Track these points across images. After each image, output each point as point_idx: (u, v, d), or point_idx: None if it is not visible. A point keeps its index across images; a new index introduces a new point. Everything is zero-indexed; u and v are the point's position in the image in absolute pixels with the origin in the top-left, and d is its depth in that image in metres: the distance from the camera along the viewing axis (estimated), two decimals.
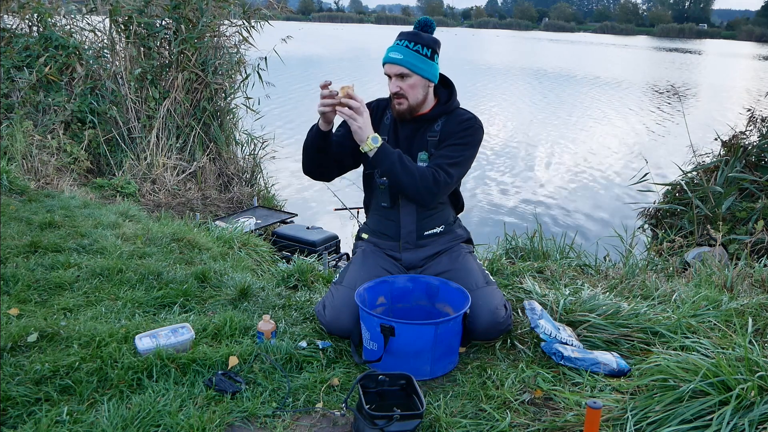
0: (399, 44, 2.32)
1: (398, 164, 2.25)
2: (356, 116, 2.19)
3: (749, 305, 2.53)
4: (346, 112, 2.20)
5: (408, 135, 2.42)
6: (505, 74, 25.96)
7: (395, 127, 2.45)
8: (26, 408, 1.82)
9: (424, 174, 2.28)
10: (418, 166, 2.32)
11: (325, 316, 2.34)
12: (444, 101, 2.43)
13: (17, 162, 5.17)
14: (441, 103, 2.43)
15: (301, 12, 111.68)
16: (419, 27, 2.37)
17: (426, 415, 1.84)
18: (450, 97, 2.44)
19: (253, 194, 6.81)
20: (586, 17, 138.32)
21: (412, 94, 2.33)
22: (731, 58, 45.21)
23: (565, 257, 3.68)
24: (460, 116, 2.41)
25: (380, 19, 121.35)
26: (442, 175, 2.29)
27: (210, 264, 3.21)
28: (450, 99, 2.43)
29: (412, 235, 2.46)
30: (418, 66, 2.30)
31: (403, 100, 2.34)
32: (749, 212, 5.58)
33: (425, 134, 2.40)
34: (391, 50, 2.33)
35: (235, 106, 7.17)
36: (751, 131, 6.53)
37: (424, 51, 2.31)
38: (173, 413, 1.80)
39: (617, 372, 2.10)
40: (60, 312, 2.50)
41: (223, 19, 6.92)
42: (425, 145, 2.40)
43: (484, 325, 2.25)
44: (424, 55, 2.31)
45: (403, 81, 2.31)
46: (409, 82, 2.31)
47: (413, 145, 2.41)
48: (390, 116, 2.46)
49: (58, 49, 6.25)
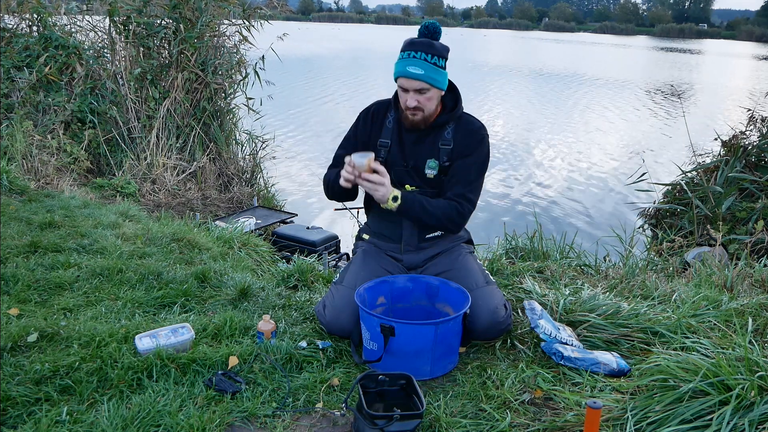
0: (416, 57, 2.24)
1: (422, 213, 2.31)
2: (378, 187, 2.21)
3: (749, 305, 2.53)
4: (368, 186, 2.21)
5: (415, 141, 2.39)
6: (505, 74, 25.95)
7: (400, 132, 2.41)
8: (26, 408, 1.82)
9: (447, 212, 2.33)
10: (440, 205, 2.33)
11: (326, 316, 2.34)
12: (451, 107, 2.40)
13: (17, 162, 5.17)
14: (447, 109, 2.40)
15: (301, 12, 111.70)
16: (429, 34, 2.28)
17: (426, 415, 1.84)
18: (456, 102, 2.41)
19: (253, 194, 6.81)
20: (586, 17, 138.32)
21: (428, 106, 2.30)
22: (731, 58, 45.20)
23: (565, 257, 3.68)
24: (470, 124, 2.40)
25: (380, 19, 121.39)
26: (466, 206, 2.36)
27: (210, 264, 3.21)
28: (456, 105, 2.40)
29: (413, 237, 2.46)
30: (436, 79, 2.26)
31: (419, 112, 2.30)
32: (749, 212, 5.58)
33: (435, 141, 2.37)
34: (408, 64, 2.24)
35: (235, 106, 7.17)
36: (751, 131, 6.52)
37: (440, 62, 2.26)
38: (173, 413, 1.80)
39: (617, 372, 2.10)
40: (60, 312, 2.49)
41: (223, 18, 6.92)
42: (436, 153, 2.37)
43: (484, 324, 2.25)
44: (440, 66, 2.27)
45: (421, 95, 2.27)
46: (427, 95, 2.27)
47: (422, 152, 2.38)
48: (393, 119, 2.42)
49: (58, 49, 6.25)
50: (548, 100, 18.54)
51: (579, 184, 9.52)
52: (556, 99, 18.96)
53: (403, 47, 2.29)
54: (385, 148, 2.41)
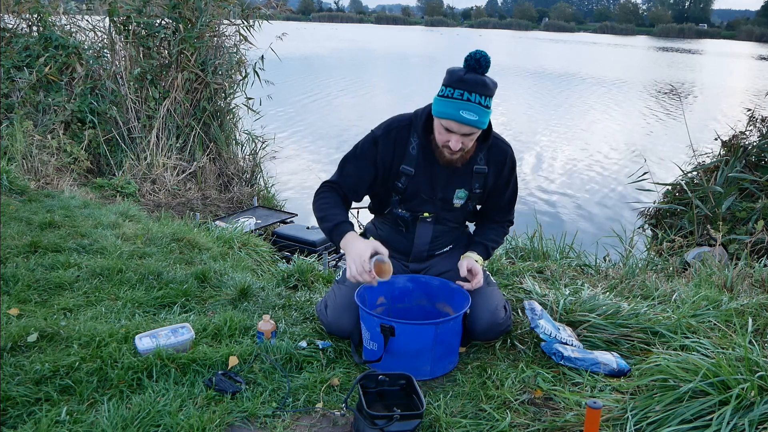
0: (471, 100, 2.02)
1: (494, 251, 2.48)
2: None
3: (749, 305, 2.53)
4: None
5: (447, 174, 2.24)
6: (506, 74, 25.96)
7: (426, 160, 2.23)
8: (26, 408, 1.82)
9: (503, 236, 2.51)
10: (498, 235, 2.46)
11: (327, 316, 2.33)
12: (484, 136, 2.24)
13: (17, 162, 5.17)
14: (480, 139, 2.23)
15: (301, 12, 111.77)
16: (480, 69, 2.05)
17: (426, 415, 1.84)
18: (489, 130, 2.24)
19: (253, 194, 6.81)
20: (586, 17, 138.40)
21: (470, 145, 2.16)
22: (731, 57, 45.21)
23: (565, 257, 3.69)
24: (500, 145, 2.29)
25: (380, 19, 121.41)
26: (508, 226, 2.52)
27: (210, 264, 3.21)
28: (489, 134, 2.25)
29: (423, 253, 2.44)
30: (485, 122, 2.10)
31: (460, 152, 2.15)
32: (749, 212, 5.58)
33: (468, 171, 2.25)
34: (462, 108, 2.02)
35: (235, 106, 7.17)
36: (751, 131, 6.52)
37: (490, 102, 2.08)
38: (173, 413, 1.80)
39: (617, 372, 2.10)
40: (60, 312, 2.49)
41: (222, 18, 6.92)
42: (468, 183, 2.27)
43: (484, 325, 2.25)
44: (490, 107, 2.09)
45: (466, 137, 2.11)
46: (471, 137, 2.12)
47: (452, 182, 2.26)
48: (417, 145, 2.22)
49: (58, 49, 6.25)
50: (548, 100, 18.54)
51: (579, 184, 9.52)
52: (556, 99, 18.96)
53: (450, 82, 2.05)
54: (408, 176, 2.24)
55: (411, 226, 2.37)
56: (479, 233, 2.48)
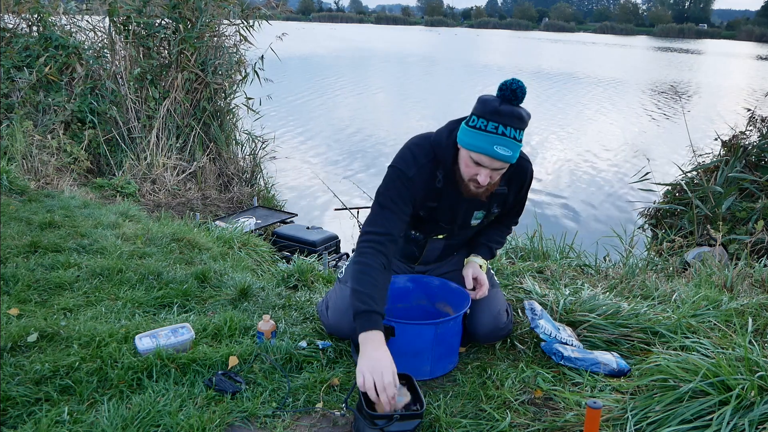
0: (506, 135, 1.89)
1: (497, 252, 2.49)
2: None
3: (749, 305, 2.53)
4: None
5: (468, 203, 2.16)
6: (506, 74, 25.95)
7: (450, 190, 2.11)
8: (26, 408, 1.82)
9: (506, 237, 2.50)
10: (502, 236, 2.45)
11: (328, 317, 2.32)
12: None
13: (17, 162, 5.18)
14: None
15: (301, 12, 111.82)
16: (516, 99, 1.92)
17: (426, 415, 1.84)
18: None
19: (253, 194, 6.81)
20: (586, 17, 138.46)
21: (497, 178, 2.04)
22: (731, 58, 45.21)
23: (565, 257, 3.69)
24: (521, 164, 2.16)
25: (380, 19, 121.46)
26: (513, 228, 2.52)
27: (210, 264, 3.21)
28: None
29: (430, 262, 2.44)
30: (517, 156, 1.98)
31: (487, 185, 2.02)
32: (749, 212, 5.58)
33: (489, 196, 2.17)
34: (498, 143, 1.89)
35: (235, 106, 7.17)
36: (751, 131, 6.52)
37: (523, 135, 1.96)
38: (173, 413, 1.80)
39: (617, 372, 2.10)
40: (60, 312, 2.49)
41: (222, 18, 6.92)
42: (487, 204, 2.19)
43: (486, 329, 2.24)
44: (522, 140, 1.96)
45: (497, 172, 1.99)
46: (501, 171, 2.00)
47: (473, 209, 2.19)
48: (442, 178, 2.09)
49: (58, 49, 6.25)
50: (547, 100, 18.53)
51: (579, 184, 9.52)
52: (556, 99, 18.95)
53: (484, 113, 1.92)
54: (430, 209, 2.15)
55: (422, 243, 2.34)
56: (483, 234, 2.45)
